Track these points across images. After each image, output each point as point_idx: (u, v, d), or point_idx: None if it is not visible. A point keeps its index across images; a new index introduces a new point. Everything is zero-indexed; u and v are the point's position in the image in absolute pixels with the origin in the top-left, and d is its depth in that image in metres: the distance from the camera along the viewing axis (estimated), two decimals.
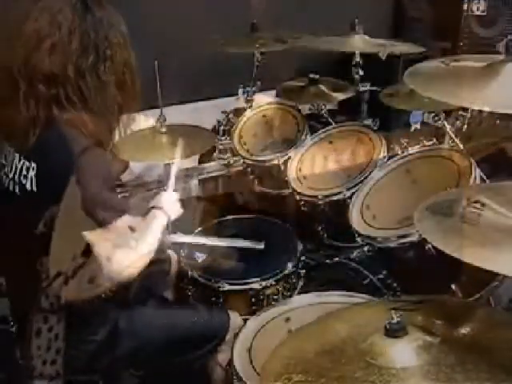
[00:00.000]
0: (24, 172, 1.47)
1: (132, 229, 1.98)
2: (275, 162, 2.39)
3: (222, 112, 2.83)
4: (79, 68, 1.45)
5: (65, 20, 1.45)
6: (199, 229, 2.22)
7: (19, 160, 1.50)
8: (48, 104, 1.46)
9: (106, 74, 1.48)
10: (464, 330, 1.09)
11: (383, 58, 2.15)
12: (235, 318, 1.78)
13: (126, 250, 1.42)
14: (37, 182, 1.45)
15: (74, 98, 1.46)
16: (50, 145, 1.45)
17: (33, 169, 1.45)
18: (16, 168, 1.50)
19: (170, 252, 2.07)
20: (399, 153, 2.02)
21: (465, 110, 1.94)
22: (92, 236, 1.39)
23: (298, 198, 2.19)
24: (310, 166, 2.28)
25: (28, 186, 1.46)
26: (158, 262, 2.03)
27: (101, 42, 1.47)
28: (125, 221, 1.74)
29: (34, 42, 1.44)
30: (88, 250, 1.40)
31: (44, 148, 1.45)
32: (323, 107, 2.57)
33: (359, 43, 2.22)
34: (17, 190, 1.50)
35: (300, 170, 2.28)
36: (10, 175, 1.52)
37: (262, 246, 2.02)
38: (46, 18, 1.44)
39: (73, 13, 1.46)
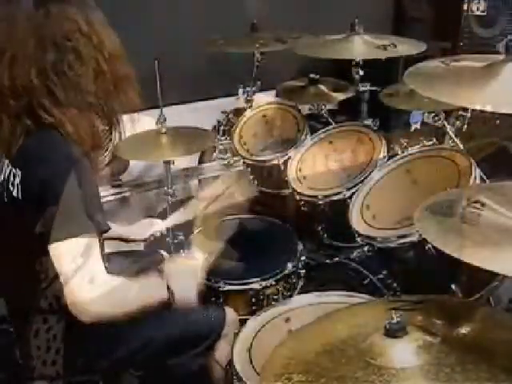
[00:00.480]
0: (11, 179, 1.45)
1: (123, 239, 2.00)
2: (275, 162, 2.39)
3: (222, 112, 2.84)
4: (42, 70, 1.40)
5: (19, 28, 1.39)
6: (199, 229, 2.21)
7: (7, 165, 1.48)
8: (22, 115, 1.42)
9: (72, 68, 1.42)
10: (464, 330, 1.09)
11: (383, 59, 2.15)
12: (230, 313, 1.77)
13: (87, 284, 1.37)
14: (22, 189, 1.42)
15: (45, 102, 1.41)
16: (31, 152, 1.42)
17: (18, 176, 1.43)
18: (5, 173, 1.48)
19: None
20: (399, 153, 2.01)
21: (465, 110, 1.94)
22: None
23: (297, 197, 2.19)
24: (310, 166, 2.28)
25: (14, 193, 1.44)
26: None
27: (58, 36, 1.40)
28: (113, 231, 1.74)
29: None
30: None
31: (26, 156, 1.43)
32: (323, 107, 2.57)
33: (359, 45, 2.21)
34: (4, 196, 1.48)
35: (300, 170, 2.28)
36: (0, 179, 1.51)
37: None
38: (1, 31, 1.40)
39: (27, 17, 1.40)
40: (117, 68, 1.50)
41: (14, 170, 1.45)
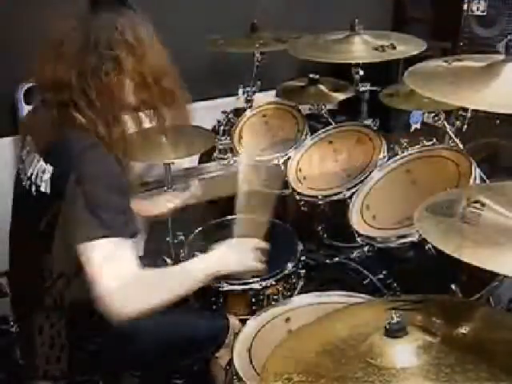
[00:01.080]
0: (41, 174, 1.47)
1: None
2: (275, 161, 2.39)
3: (222, 112, 2.83)
4: (82, 71, 1.45)
5: (71, 27, 1.46)
6: (199, 229, 2.22)
7: (38, 160, 1.50)
8: (58, 110, 1.47)
9: (108, 74, 1.46)
10: (464, 330, 1.09)
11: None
12: (234, 322, 1.78)
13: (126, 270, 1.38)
14: (51, 185, 1.44)
15: (80, 102, 1.45)
16: (65, 150, 1.44)
17: (49, 172, 1.45)
18: (35, 167, 1.50)
19: None
20: (399, 153, 2.02)
21: (465, 110, 1.94)
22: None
23: (298, 197, 2.19)
24: (310, 166, 2.28)
25: (42, 189, 1.46)
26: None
27: (102, 43, 1.45)
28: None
29: (45, 49, 1.47)
30: None
31: (59, 153, 1.45)
32: (323, 107, 2.57)
33: (358, 47, 2.21)
34: (33, 191, 1.50)
35: (300, 170, 2.28)
36: (28, 174, 1.52)
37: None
38: (54, 28, 1.47)
39: (79, 19, 1.48)
40: (162, 82, 1.55)
41: (45, 165, 1.46)
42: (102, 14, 1.49)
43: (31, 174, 1.50)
